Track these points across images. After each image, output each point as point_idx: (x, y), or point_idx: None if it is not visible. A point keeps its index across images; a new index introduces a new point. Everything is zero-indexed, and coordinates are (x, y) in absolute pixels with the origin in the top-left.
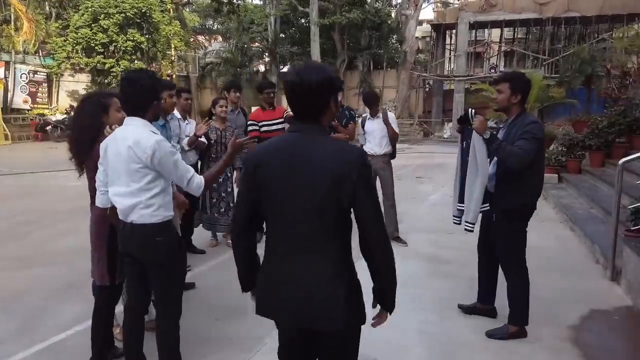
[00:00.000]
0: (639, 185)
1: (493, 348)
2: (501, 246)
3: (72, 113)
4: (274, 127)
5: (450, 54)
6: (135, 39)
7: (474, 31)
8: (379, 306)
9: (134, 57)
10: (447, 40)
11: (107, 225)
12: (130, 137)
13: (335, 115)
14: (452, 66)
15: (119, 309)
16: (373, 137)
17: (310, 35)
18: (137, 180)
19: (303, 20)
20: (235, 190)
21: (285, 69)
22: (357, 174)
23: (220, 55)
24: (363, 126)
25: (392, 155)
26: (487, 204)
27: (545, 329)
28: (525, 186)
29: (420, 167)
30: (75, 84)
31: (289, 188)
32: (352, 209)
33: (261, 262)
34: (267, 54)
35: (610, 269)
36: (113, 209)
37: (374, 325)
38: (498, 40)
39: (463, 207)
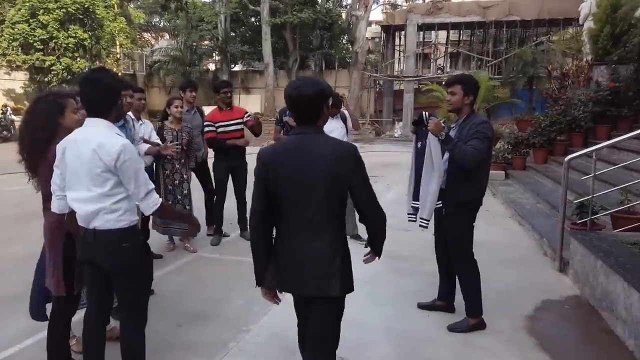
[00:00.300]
0: (582, 181)
1: (455, 342)
2: (451, 240)
3: (9, 112)
4: (231, 128)
5: (399, 55)
6: (77, 35)
7: (421, 33)
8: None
9: (76, 54)
10: (397, 42)
11: (63, 232)
12: (94, 140)
13: (327, 118)
14: (401, 67)
15: (75, 319)
16: (333, 137)
17: (262, 34)
18: (100, 185)
19: (254, 19)
20: (193, 192)
21: (236, 68)
22: (353, 166)
23: (168, 53)
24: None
25: None
26: (440, 201)
27: (502, 320)
28: (474, 181)
29: (374, 166)
30: (11, 82)
31: (297, 182)
32: (350, 194)
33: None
34: (217, 52)
35: (558, 261)
36: (71, 215)
37: (365, 261)
38: (444, 42)
39: (417, 204)
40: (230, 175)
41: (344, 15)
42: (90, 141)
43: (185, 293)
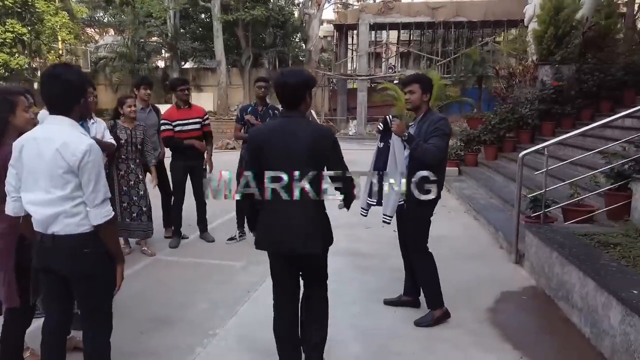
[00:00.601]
0: (532, 176)
1: (422, 336)
2: (412, 235)
3: None
4: (189, 127)
5: (352, 54)
6: (15, 29)
7: (373, 32)
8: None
9: (14, 49)
10: (349, 40)
11: (16, 237)
12: (57, 139)
13: (309, 105)
14: (354, 65)
15: (28, 330)
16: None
17: (213, 31)
18: (61, 187)
19: (204, 16)
20: (150, 192)
21: (187, 65)
22: (330, 145)
23: (114, 49)
24: None
25: None
26: (402, 199)
27: (465, 313)
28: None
29: None
30: None
31: (283, 157)
32: (326, 166)
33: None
34: (166, 49)
35: (514, 253)
36: (26, 219)
37: (339, 207)
38: (396, 42)
39: (372, 201)
40: (189, 176)
41: (296, 14)
42: (54, 140)
43: (145, 298)
